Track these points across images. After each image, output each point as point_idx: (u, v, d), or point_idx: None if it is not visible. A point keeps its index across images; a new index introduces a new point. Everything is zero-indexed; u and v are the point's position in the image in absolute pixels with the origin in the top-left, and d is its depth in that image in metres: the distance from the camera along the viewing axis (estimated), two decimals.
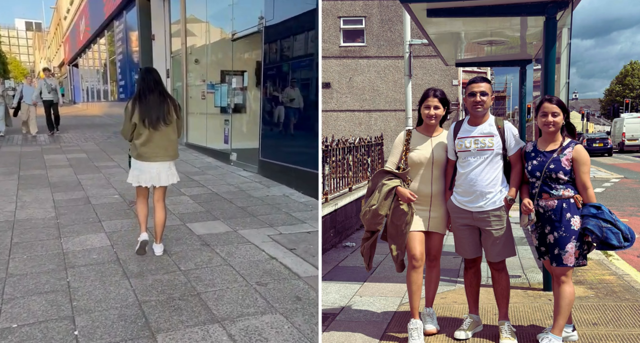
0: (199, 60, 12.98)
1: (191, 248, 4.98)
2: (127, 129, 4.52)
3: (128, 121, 4.47)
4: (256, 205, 6.79)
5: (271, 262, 4.58)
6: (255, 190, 7.72)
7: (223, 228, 5.67)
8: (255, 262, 4.57)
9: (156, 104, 4.46)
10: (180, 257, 4.74)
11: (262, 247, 4.98)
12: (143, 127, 4.44)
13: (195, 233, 5.47)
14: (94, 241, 5.22)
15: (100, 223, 5.90)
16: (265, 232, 5.50)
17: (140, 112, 4.42)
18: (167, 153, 4.64)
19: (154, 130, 4.46)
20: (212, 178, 8.76)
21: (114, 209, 6.54)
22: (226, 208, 6.62)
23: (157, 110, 4.45)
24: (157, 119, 4.44)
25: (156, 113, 4.44)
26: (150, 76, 4.52)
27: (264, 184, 8.15)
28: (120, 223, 5.89)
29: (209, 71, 12.33)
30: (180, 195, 7.39)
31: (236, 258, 4.67)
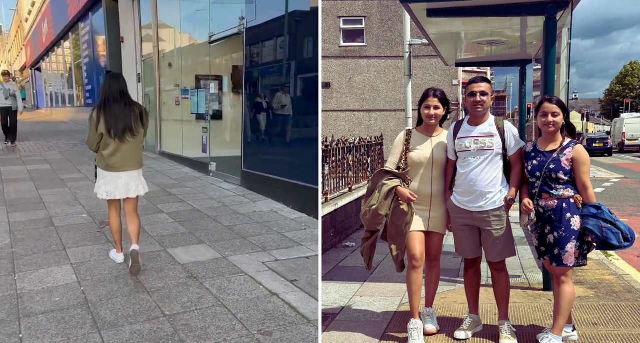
0: (172, 64, 12.20)
1: (176, 283, 4.17)
2: (93, 140, 4.29)
3: (94, 131, 4.25)
4: (243, 223, 6.01)
5: (272, 300, 3.86)
6: (240, 206, 6.91)
7: (210, 254, 4.91)
8: (254, 301, 3.84)
9: (122, 115, 4.25)
10: (163, 295, 3.92)
11: (259, 279, 4.27)
12: (109, 138, 4.24)
13: (178, 262, 4.67)
14: (56, 276, 4.31)
15: (65, 251, 4.97)
16: (258, 258, 4.80)
17: (106, 122, 4.21)
18: (135, 162, 4.43)
19: (120, 142, 4.26)
20: (191, 191, 7.94)
21: (81, 232, 5.61)
22: (211, 228, 5.81)
23: (124, 122, 4.24)
24: (124, 130, 4.24)
25: (122, 124, 4.24)
26: (116, 85, 4.31)
27: (248, 198, 7.38)
28: (89, 251, 4.97)
29: (183, 76, 11.52)
30: (157, 212, 6.53)
31: (230, 296, 3.92)
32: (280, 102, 7.43)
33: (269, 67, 7.81)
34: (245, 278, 4.31)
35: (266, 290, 4.05)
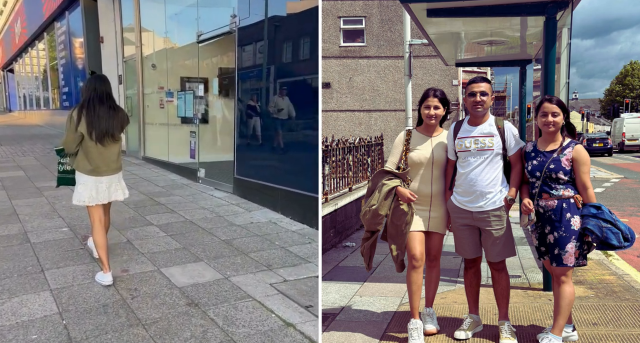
0: (156, 66, 11.61)
1: (175, 313, 3.62)
2: (72, 140, 4.04)
3: (73, 131, 4.02)
4: (242, 236, 5.57)
5: (288, 332, 3.38)
6: (235, 216, 6.44)
7: (210, 274, 4.40)
8: (267, 334, 3.33)
9: (106, 117, 4.08)
10: (161, 329, 3.36)
11: (269, 305, 3.79)
12: (90, 140, 4.05)
13: (175, 285, 4.14)
14: (33, 307, 3.70)
15: (43, 273, 4.34)
16: (264, 278, 4.33)
17: (88, 124, 4.01)
18: (117, 165, 4.28)
19: (101, 145, 4.09)
20: (181, 200, 7.44)
21: (61, 250, 4.97)
22: (207, 242, 5.32)
23: (107, 124, 4.07)
24: (106, 133, 4.07)
25: (105, 128, 4.06)
26: (102, 87, 4.14)
27: (243, 207, 6.93)
28: (71, 273, 4.34)
29: (168, 77, 11.01)
30: (147, 225, 5.99)
31: (240, 328, 3.40)
32: (277, 106, 7.10)
33: (261, 69, 7.44)
34: (253, 304, 3.81)
35: (280, 319, 3.57)
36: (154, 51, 11.68)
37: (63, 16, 17.70)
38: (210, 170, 9.01)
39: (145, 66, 11.97)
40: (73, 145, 4.08)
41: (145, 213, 6.59)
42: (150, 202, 7.27)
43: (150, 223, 6.06)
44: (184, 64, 10.48)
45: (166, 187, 8.55)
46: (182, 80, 10.25)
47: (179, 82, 10.35)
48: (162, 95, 11.21)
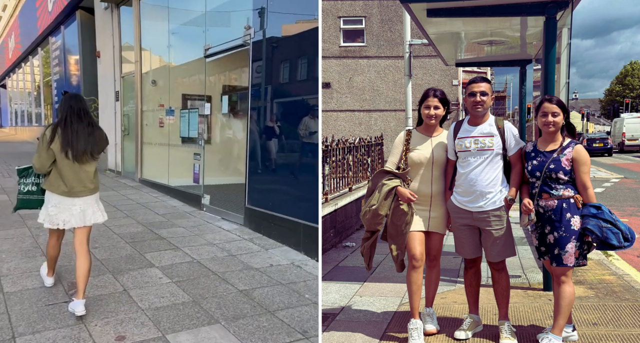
0: (157, 82, 10.77)
1: None
2: (45, 159, 3.79)
3: (45, 150, 3.78)
4: (263, 285, 4.54)
5: None
6: (251, 256, 5.42)
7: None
8: None
9: (84, 135, 3.85)
10: None
11: None
12: (65, 159, 3.80)
13: None
14: None
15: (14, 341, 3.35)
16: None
17: (63, 143, 3.78)
18: (94, 186, 3.96)
19: (78, 164, 3.84)
20: (185, 233, 6.45)
21: (41, 303, 3.95)
22: (221, 293, 4.28)
23: (85, 143, 3.85)
24: (84, 152, 3.84)
25: (83, 146, 3.84)
26: (78, 104, 3.94)
27: (258, 244, 5.92)
28: (51, 338, 3.39)
29: (170, 94, 10.12)
30: (146, 266, 5.00)
31: None
32: (308, 128, 6.12)
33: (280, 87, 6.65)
34: None
35: None
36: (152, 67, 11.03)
37: (58, 31, 17.29)
38: (215, 196, 8.07)
39: (145, 82, 11.18)
40: (46, 164, 3.82)
41: (145, 249, 5.61)
42: (150, 236, 6.26)
43: (151, 265, 5.06)
44: (188, 80, 9.71)
45: (167, 215, 7.56)
46: (184, 98, 9.46)
47: (180, 100, 9.60)
48: (161, 114, 10.38)
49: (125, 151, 12.32)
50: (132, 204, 8.46)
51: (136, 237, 6.16)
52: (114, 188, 10.21)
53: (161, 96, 10.53)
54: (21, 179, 4.15)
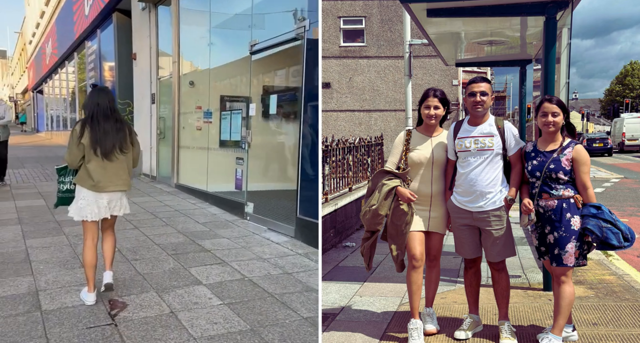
0: (195, 82, 10.36)
1: None
2: (76, 154, 3.89)
3: (76, 145, 3.87)
4: None
5: None
6: (309, 274, 4.79)
7: None
8: None
9: (112, 132, 3.94)
10: None
11: None
12: (94, 155, 3.89)
13: None
14: None
15: None
16: None
17: (92, 140, 3.88)
18: (122, 183, 4.04)
19: (107, 160, 3.93)
20: (230, 245, 5.80)
21: (81, 325, 3.54)
22: (283, 321, 3.67)
23: (113, 138, 3.93)
24: (112, 147, 3.93)
25: (112, 141, 3.92)
26: (105, 101, 3.99)
27: (315, 260, 5.23)
28: None
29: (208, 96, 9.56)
30: (193, 283, 4.46)
31: None
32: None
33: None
34: None
35: None
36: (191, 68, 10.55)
37: (94, 35, 17.27)
38: (260, 204, 7.43)
39: (183, 83, 10.66)
40: (77, 159, 3.91)
41: (189, 263, 5.07)
42: (193, 247, 5.70)
43: (198, 282, 4.51)
44: (229, 80, 9.13)
45: (208, 224, 6.97)
46: (223, 99, 8.91)
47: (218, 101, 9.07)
48: (199, 116, 9.86)
49: (161, 155, 11.77)
50: (170, 211, 7.91)
51: (178, 249, 5.61)
52: (149, 193, 9.69)
53: (199, 98, 10.01)
54: (60, 178, 4.22)
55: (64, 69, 25.02)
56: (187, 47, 10.74)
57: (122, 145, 3.99)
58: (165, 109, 11.58)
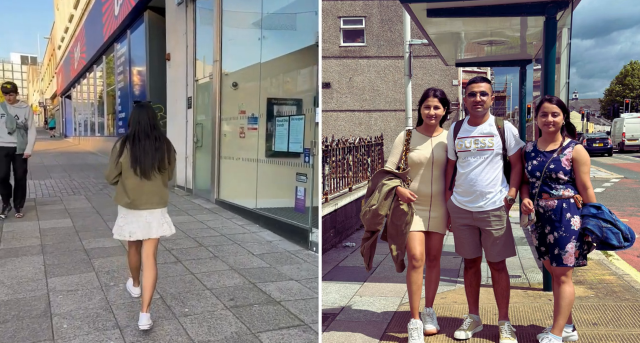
0: (238, 84, 8.83)
1: None
2: (114, 173, 3.86)
3: (114, 163, 3.84)
4: None
5: None
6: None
7: None
8: None
9: (152, 151, 3.86)
10: None
11: None
12: (133, 174, 3.83)
13: None
14: None
15: None
16: None
17: (132, 158, 3.83)
18: (160, 200, 3.93)
19: (146, 179, 3.85)
20: (302, 292, 4.41)
21: None
22: None
23: (152, 158, 3.86)
24: (151, 167, 3.85)
25: (150, 161, 3.85)
26: (145, 118, 3.90)
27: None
28: None
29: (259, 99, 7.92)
30: None
31: None
32: None
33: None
34: None
35: None
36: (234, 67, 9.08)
37: (124, 36, 16.35)
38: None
39: (224, 85, 9.18)
40: (112, 176, 3.87)
41: (257, 325, 3.67)
42: (255, 295, 4.29)
43: None
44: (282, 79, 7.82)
45: (266, 257, 5.46)
46: (270, 102, 7.68)
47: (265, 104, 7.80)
48: (243, 122, 8.43)
49: (198, 165, 10.30)
50: (215, 237, 6.43)
51: (237, 297, 4.23)
52: (187, 211, 8.23)
53: (243, 101, 8.59)
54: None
55: (92, 74, 24.54)
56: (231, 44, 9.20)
57: (161, 164, 3.91)
58: (202, 114, 10.21)
